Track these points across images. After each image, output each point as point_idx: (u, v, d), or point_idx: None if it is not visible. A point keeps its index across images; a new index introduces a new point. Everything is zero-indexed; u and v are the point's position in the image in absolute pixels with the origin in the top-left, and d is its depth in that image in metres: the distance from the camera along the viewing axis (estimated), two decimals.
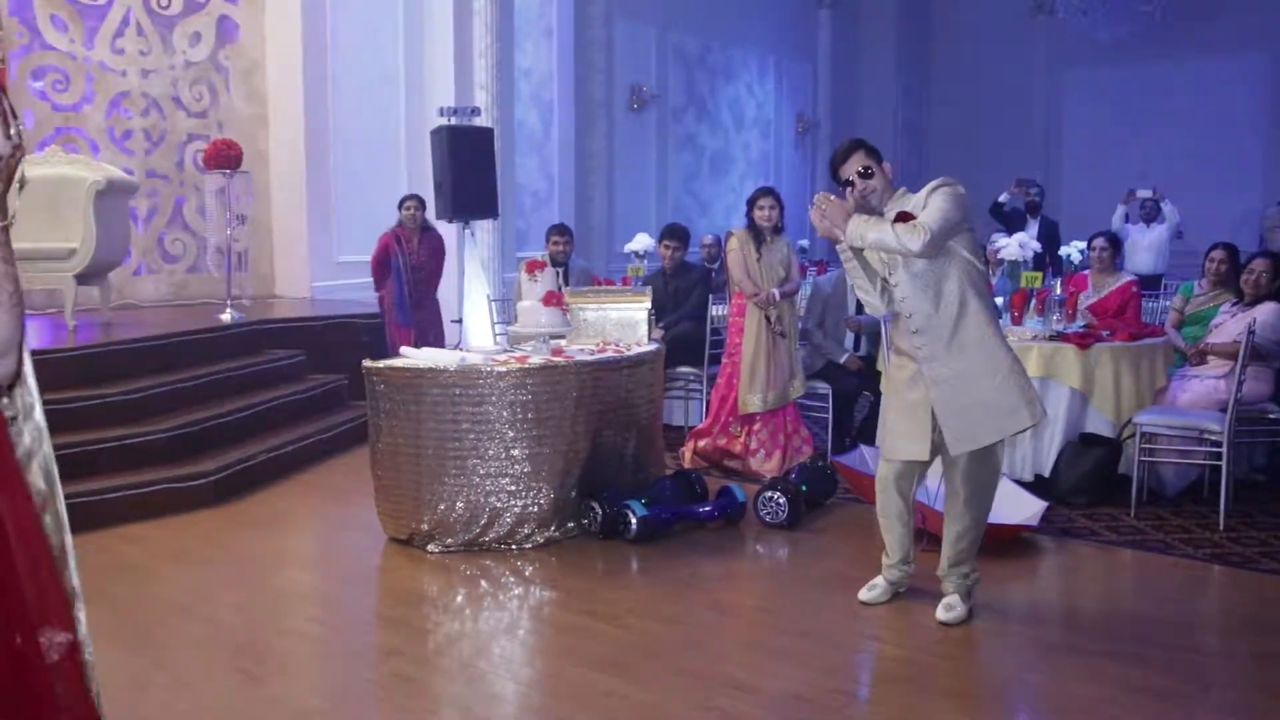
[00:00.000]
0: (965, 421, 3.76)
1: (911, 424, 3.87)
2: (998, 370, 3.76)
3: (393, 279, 7.80)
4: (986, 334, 3.76)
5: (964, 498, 3.89)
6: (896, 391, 3.95)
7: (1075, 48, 15.63)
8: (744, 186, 14.31)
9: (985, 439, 3.80)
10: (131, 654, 3.62)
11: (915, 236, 3.57)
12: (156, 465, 5.54)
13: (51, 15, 8.15)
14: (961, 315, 3.73)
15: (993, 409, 3.74)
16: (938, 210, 3.63)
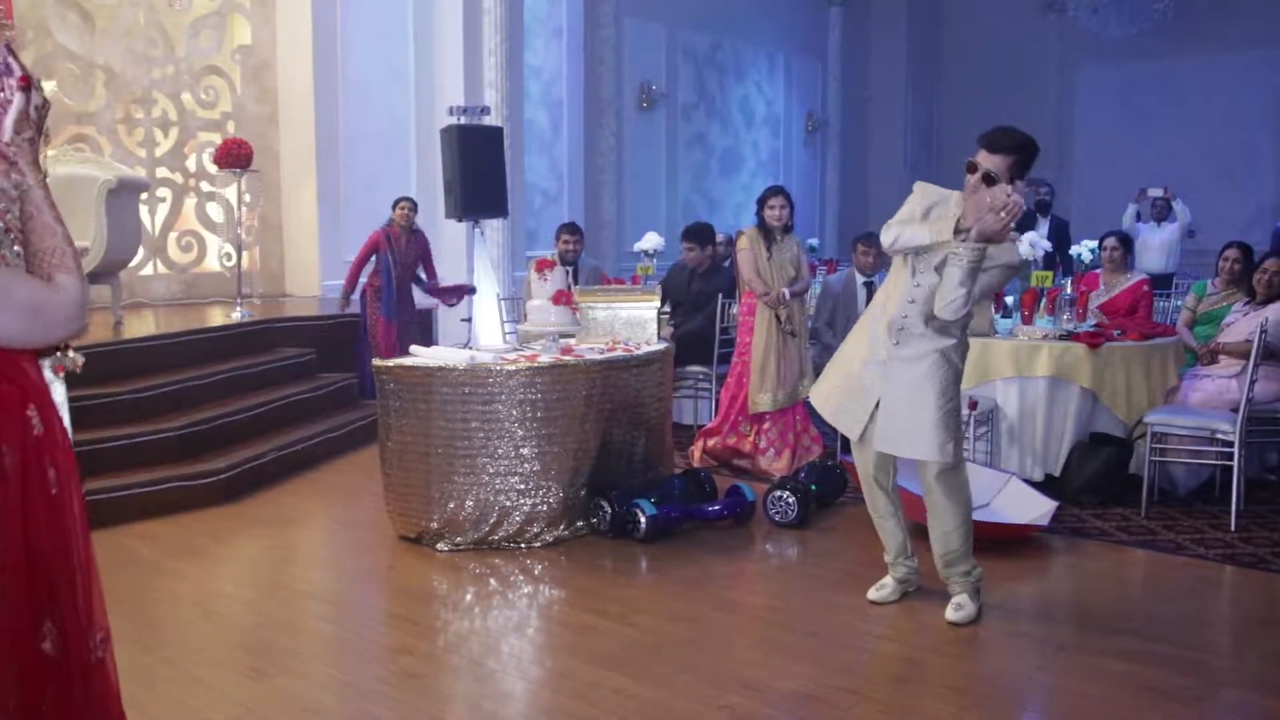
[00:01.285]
0: (899, 426, 3.82)
1: (855, 401, 3.93)
2: (946, 403, 3.80)
3: (382, 276, 7.83)
4: (953, 369, 3.83)
5: (944, 494, 3.89)
6: (854, 358, 3.97)
7: (1086, 46, 15.55)
8: (754, 185, 14.29)
9: (903, 451, 3.86)
10: (143, 650, 3.63)
11: (957, 314, 3.67)
12: (167, 463, 5.56)
13: (63, 15, 8.18)
14: (943, 338, 3.80)
15: (925, 431, 3.78)
16: (989, 289, 3.76)
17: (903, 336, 3.82)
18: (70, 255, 1.59)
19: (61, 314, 1.54)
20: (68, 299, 1.54)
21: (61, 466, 1.60)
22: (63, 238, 1.60)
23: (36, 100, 1.65)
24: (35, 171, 1.64)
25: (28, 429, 1.56)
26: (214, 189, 9.08)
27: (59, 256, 1.57)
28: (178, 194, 9.00)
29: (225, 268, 9.01)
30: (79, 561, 1.61)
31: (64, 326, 1.56)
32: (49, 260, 1.56)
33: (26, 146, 1.63)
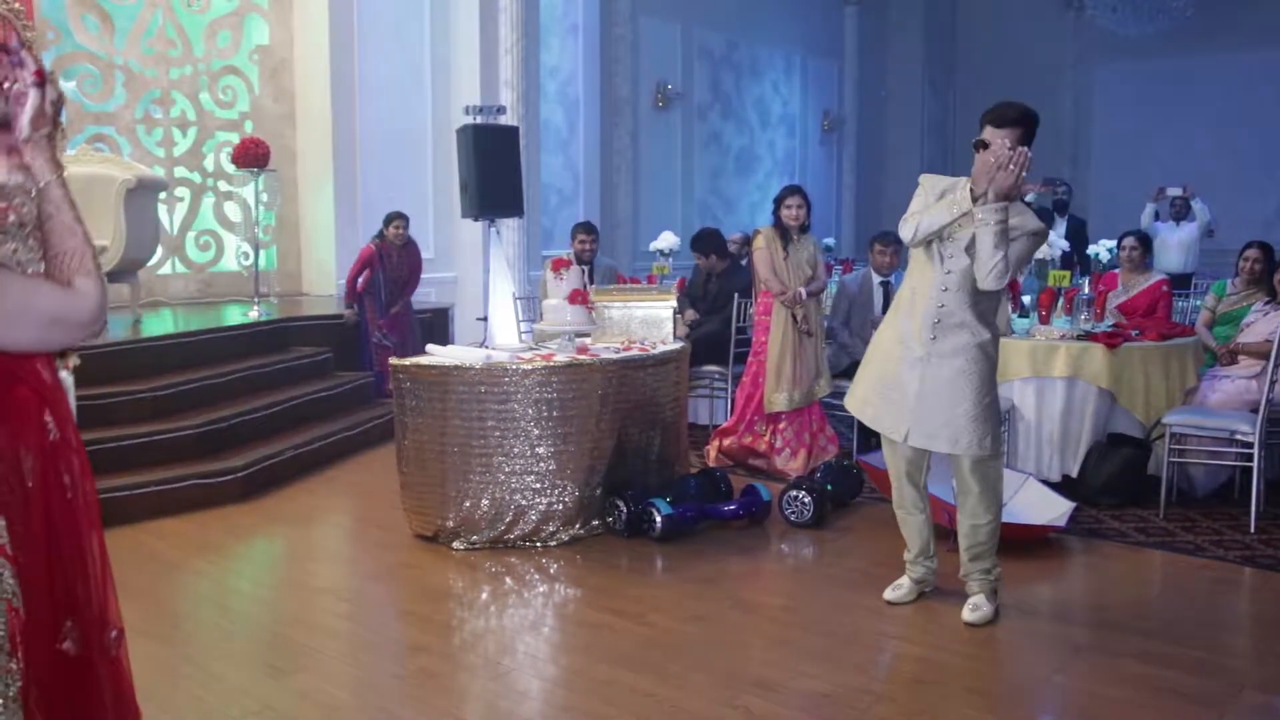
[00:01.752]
0: (938, 421, 3.80)
1: (894, 401, 3.90)
2: (984, 396, 3.79)
3: (374, 288, 7.89)
4: (988, 362, 3.82)
5: (976, 492, 3.88)
6: (889, 359, 3.94)
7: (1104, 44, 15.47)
8: (770, 184, 14.27)
9: (940, 446, 3.84)
10: (161, 647, 3.65)
11: (1001, 280, 3.65)
12: (185, 461, 5.60)
13: (82, 15, 8.23)
14: (980, 330, 3.79)
15: (963, 427, 3.77)
16: (1020, 259, 3.74)
17: (940, 330, 3.79)
18: (90, 257, 1.57)
19: (82, 319, 1.52)
20: (88, 304, 1.53)
21: (74, 469, 1.60)
22: (83, 239, 1.58)
23: (52, 95, 1.63)
24: (54, 168, 1.62)
25: (44, 434, 1.57)
26: (232, 188, 9.12)
27: (79, 259, 1.55)
28: (196, 193, 9.05)
29: (243, 267, 9.05)
30: (93, 561, 1.61)
31: (84, 330, 1.54)
32: (68, 263, 1.54)
33: (45, 143, 1.62)
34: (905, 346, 3.88)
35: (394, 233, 7.97)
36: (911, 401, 3.85)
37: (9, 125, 1.68)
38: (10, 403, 1.55)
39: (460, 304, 9.56)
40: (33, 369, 1.57)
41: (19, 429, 1.55)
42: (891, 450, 4.05)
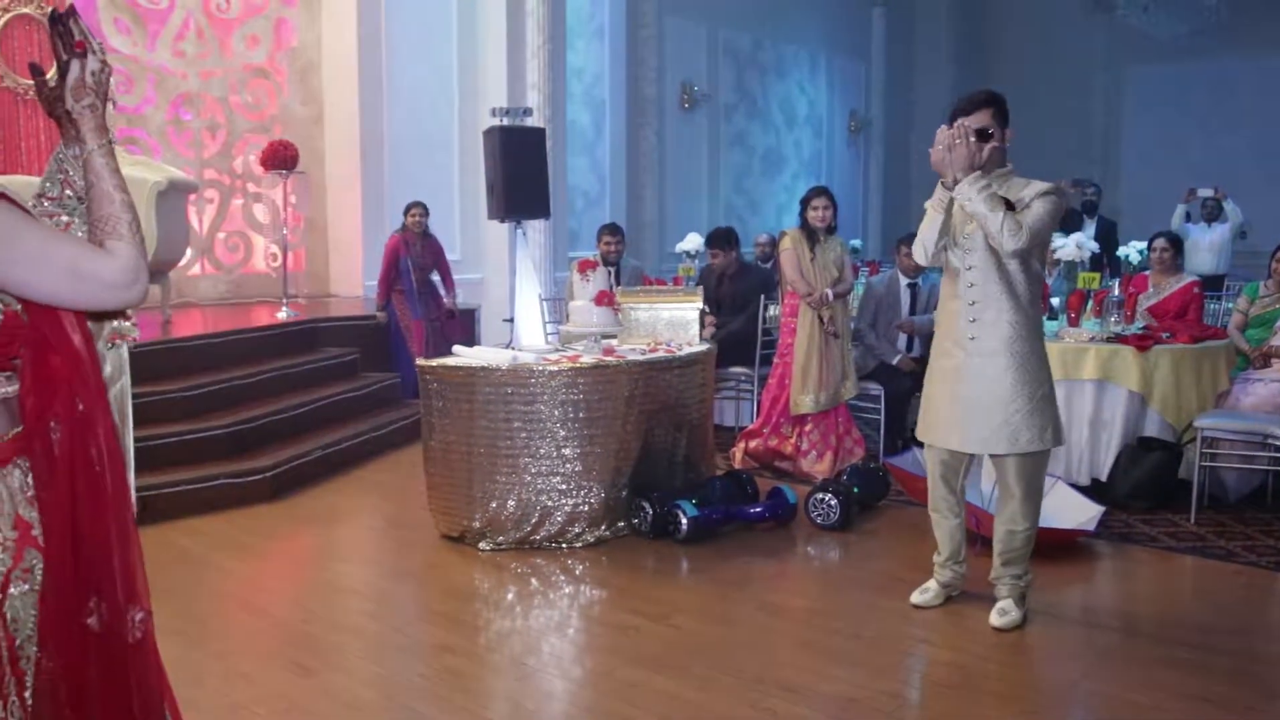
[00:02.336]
0: (988, 423, 3.75)
1: (953, 413, 3.85)
2: (1039, 388, 3.75)
3: (403, 279, 7.94)
4: (1037, 350, 3.77)
5: (1019, 498, 3.84)
6: (941, 379, 3.92)
7: (1135, 44, 15.35)
8: (796, 185, 14.24)
9: (1000, 448, 3.79)
10: (190, 644, 3.68)
11: (1017, 237, 3.55)
12: (215, 460, 5.64)
13: (115, 19, 8.32)
14: (1021, 321, 3.72)
15: (1020, 424, 3.72)
16: (1041, 219, 3.63)
17: (978, 329, 3.74)
18: (125, 223, 1.58)
19: (107, 277, 1.52)
20: (115, 264, 1.53)
21: (101, 445, 1.61)
22: (121, 205, 1.59)
23: (93, 65, 1.65)
24: (97, 137, 1.63)
25: (73, 405, 1.58)
26: (260, 190, 9.19)
27: (113, 224, 1.56)
28: (225, 195, 9.13)
29: (271, 268, 9.12)
30: (117, 540, 1.62)
31: (113, 291, 1.53)
32: (103, 228, 1.56)
33: (87, 113, 1.63)
34: (948, 356, 3.86)
35: (412, 220, 8.03)
36: (960, 407, 3.81)
37: None
38: (41, 372, 1.56)
39: (486, 305, 9.59)
40: (65, 337, 1.58)
41: (49, 399, 1.57)
42: (930, 453, 4.02)
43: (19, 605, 1.55)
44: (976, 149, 3.63)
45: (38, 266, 1.48)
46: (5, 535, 1.54)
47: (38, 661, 1.57)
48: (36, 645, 1.57)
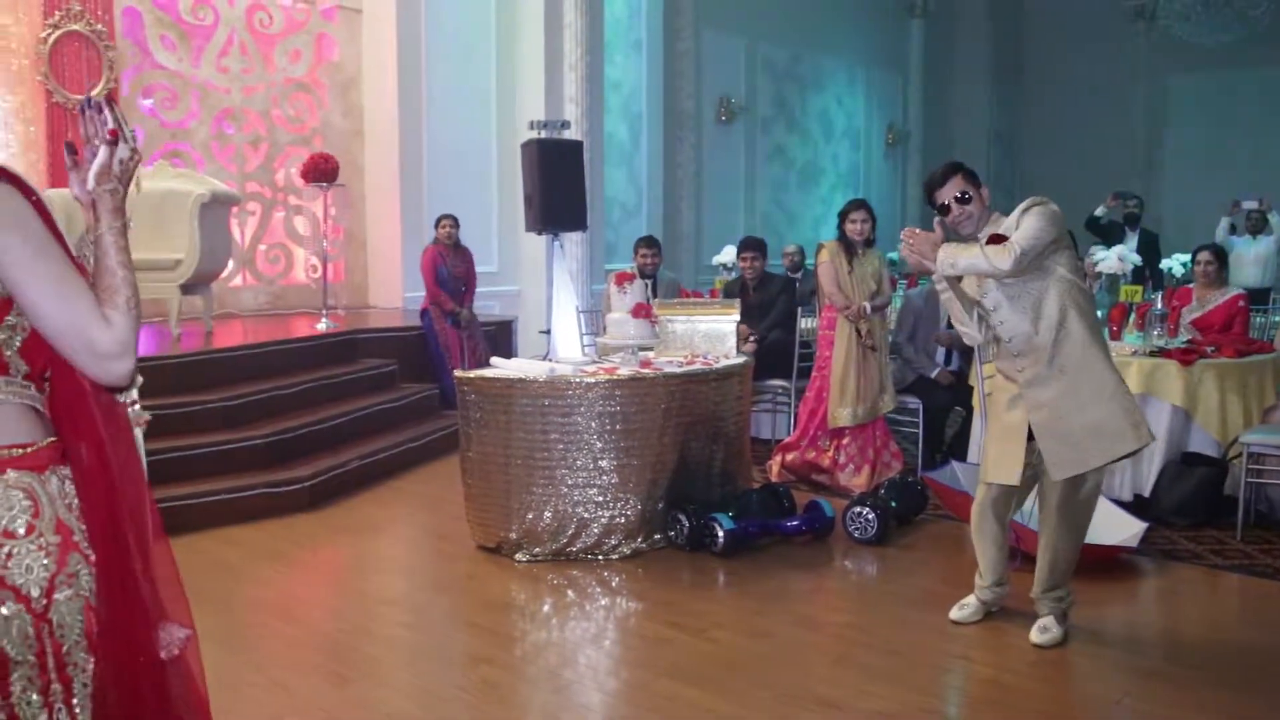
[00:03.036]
0: (1067, 446, 3.67)
1: (1008, 447, 3.80)
2: (1103, 392, 3.66)
3: (439, 288, 8.01)
4: (1091, 355, 3.66)
5: (1058, 524, 3.79)
6: (996, 414, 3.89)
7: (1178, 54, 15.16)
8: (833, 198, 14.20)
9: (1087, 464, 3.70)
10: (229, 654, 3.71)
11: (1005, 256, 3.51)
12: (254, 470, 5.69)
13: (161, 35, 8.46)
14: (1062, 336, 3.65)
15: (1096, 433, 3.64)
16: (1028, 229, 3.57)
17: (1022, 361, 3.70)
18: (124, 296, 1.60)
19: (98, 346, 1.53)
20: (110, 335, 1.54)
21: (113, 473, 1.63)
22: (122, 280, 1.61)
23: (123, 154, 1.69)
24: (111, 218, 1.67)
25: (95, 426, 1.61)
26: (301, 202, 9.30)
27: (109, 294, 1.59)
28: (266, 207, 9.24)
29: (311, 279, 9.21)
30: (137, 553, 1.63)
31: (99, 361, 1.54)
32: (102, 298, 1.58)
33: (106, 197, 1.67)
34: (1007, 391, 3.82)
35: (444, 232, 8.11)
36: (1023, 440, 3.75)
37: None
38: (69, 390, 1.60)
39: (523, 317, 9.63)
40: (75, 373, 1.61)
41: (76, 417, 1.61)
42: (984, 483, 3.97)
43: (65, 611, 1.56)
44: (941, 225, 3.74)
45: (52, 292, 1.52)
46: (48, 540, 1.55)
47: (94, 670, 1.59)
48: (85, 652, 1.59)
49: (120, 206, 1.68)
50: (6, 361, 1.56)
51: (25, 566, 1.53)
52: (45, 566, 1.54)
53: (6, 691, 1.52)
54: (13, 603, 1.52)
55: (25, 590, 1.53)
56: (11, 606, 1.52)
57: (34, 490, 1.56)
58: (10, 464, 1.56)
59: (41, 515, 1.55)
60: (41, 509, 1.56)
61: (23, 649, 1.52)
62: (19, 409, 1.59)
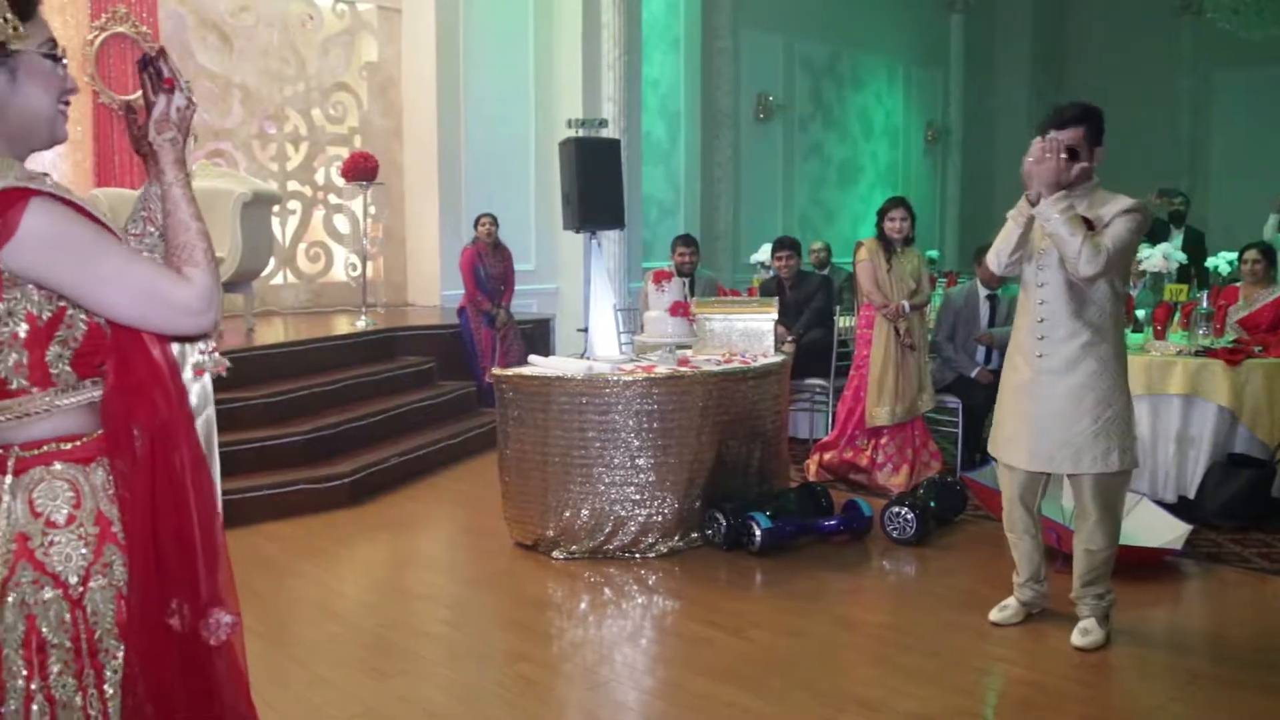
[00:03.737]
0: (1050, 444, 3.68)
1: (1019, 429, 3.78)
2: (1107, 409, 3.64)
3: (477, 288, 8.04)
4: (1110, 369, 3.65)
5: (1098, 516, 3.75)
6: (1010, 394, 3.86)
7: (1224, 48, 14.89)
8: (872, 196, 14.11)
9: (1061, 468, 3.72)
10: (270, 647, 3.75)
11: (1094, 262, 3.43)
12: (295, 466, 5.75)
13: (204, 37, 8.56)
14: (1093, 341, 3.63)
15: (1083, 445, 3.64)
16: (1121, 240, 3.52)
17: (1046, 346, 3.68)
18: (200, 250, 1.62)
19: (181, 302, 1.56)
20: (189, 290, 1.57)
21: (184, 454, 1.65)
22: (196, 233, 1.64)
23: (179, 101, 1.70)
24: (176, 170, 1.68)
25: (155, 413, 1.63)
26: (341, 201, 9.38)
27: (189, 251, 1.61)
28: (307, 206, 9.32)
29: (350, 277, 9.29)
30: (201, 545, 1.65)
31: (187, 316, 1.58)
32: (179, 255, 1.61)
33: (168, 146, 1.69)
34: (1017, 371, 3.80)
35: (483, 230, 8.13)
36: (1026, 424, 3.75)
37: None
38: (124, 381, 1.62)
39: (561, 315, 9.65)
40: (145, 349, 1.63)
41: (132, 407, 1.62)
42: (1005, 471, 3.95)
43: (99, 599, 1.60)
44: (1065, 166, 3.52)
45: (117, 287, 1.53)
46: (87, 530, 1.60)
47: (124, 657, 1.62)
48: (116, 640, 1.62)
49: (182, 157, 1.70)
50: (54, 378, 1.59)
51: (65, 555, 1.58)
52: (83, 555, 1.59)
53: (45, 673, 1.56)
54: (51, 588, 1.57)
55: (64, 577, 1.57)
56: (50, 592, 1.57)
57: (77, 482, 1.60)
58: (58, 456, 1.60)
59: (83, 506, 1.60)
60: (84, 500, 1.60)
61: (59, 633, 1.57)
62: (76, 409, 1.62)
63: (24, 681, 1.55)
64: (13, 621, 1.55)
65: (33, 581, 1.56)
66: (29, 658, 1.55)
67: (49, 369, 1.57)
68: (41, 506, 1.57)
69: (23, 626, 1.56)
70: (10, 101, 1.58)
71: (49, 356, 1.56)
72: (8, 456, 1.58)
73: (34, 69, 1.60)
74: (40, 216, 1.49)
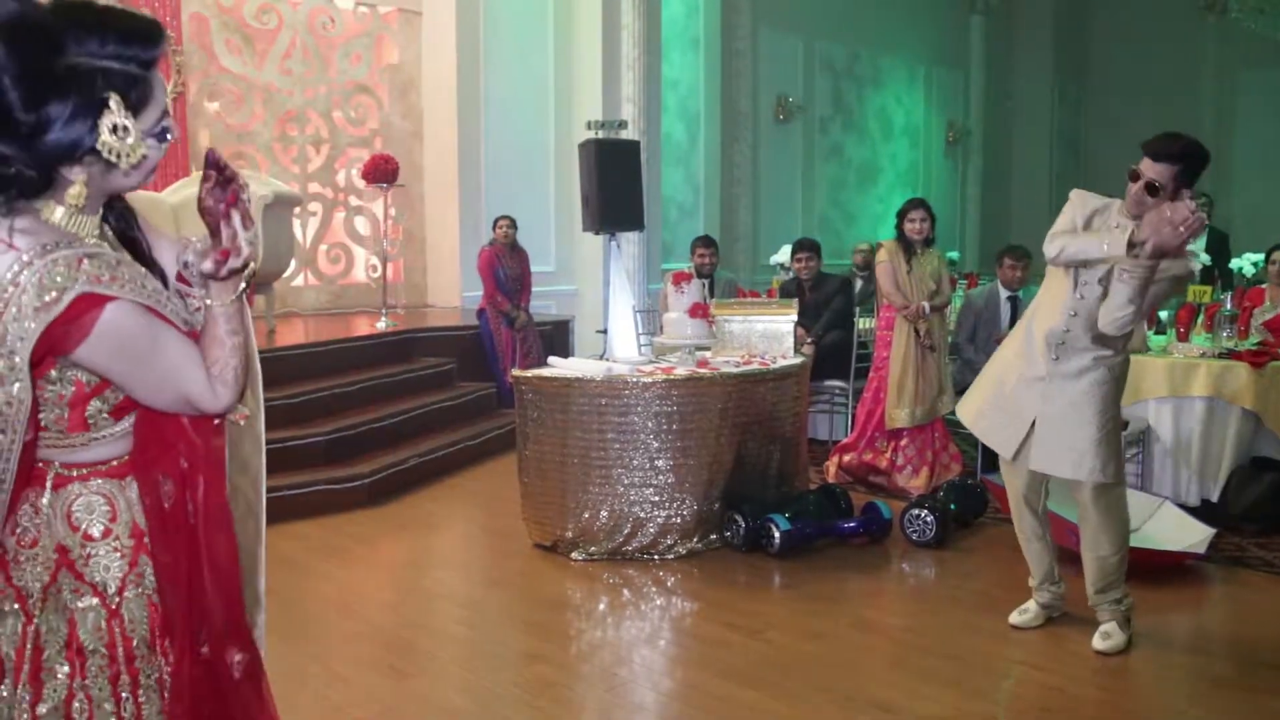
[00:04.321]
0: (1058, 445, 3.68)
1: (1009, 422, 3.79)
2: (1106, 423, 3.64)
3: (496, 289, 8.05)
4: (1115, 388, 3.68)
5: (1099, 520, 3.72)
6: (1008, 374, 3.84)
7: (1249, 48, 14.79)
8: (892, 197, 14.07)
9: (1062, 471, 3.71)
10: (290, 647, 3.77)
11: (1120, 330, 3.50)
12: (315, 466, 5.78)
13: (227, 40, 8.62)
14: (1107, 354, 3.64)
15: (1084, 451, 3.63)
16: (1156, 301, 3.60)
17: (1063, 351, 3.66)
18: (231, 370, 1.63)
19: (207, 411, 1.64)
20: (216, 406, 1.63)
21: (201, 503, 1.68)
22: (230, 350, 1.63)
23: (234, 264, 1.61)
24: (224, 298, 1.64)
25: (178, 464, 1.67)
26: (361, 203, 9.42)
27: (218, 367, 1.62)
28: (328, 208, 9.37)
29: (371, 279, 9.33)
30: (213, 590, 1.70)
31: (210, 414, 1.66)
32: (211, 370, 1.63)
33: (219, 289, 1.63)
34: (1028, 363, 3.77)
35: (501, 232, 8.15)
36: (1025, 423, 3.74)
37: None
38: (151, 429, 1.66)
39: (580, 317, 9.66)
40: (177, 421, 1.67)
41: (157, 455, 1.67)
42: (1009, 472, 3.93)
43: (134, 608, 1.64)
44: (1143, 199, 3.44)
45: (159, 389, 1.58)
46: (123, 543, 1.64)
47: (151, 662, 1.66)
48: (149, 648, 1.66)
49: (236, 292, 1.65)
50: (91, 426, 1.62)
51: (103, 566, 1.63)
52: (120, 566, 1.64)
53: (84, 673, 1.61)
54: (90, 597, 1.62)
55: (102, 587, 1.62)
56: (89, 600, 1.62)
57: (113, 496, 1.65)
58: (96, 474, 1.65)
59: (118, 520, 1.65)
60: (119, 514, 1.65)
61: (96, 640, 1.61)
62: (112, 439, 1.65)
63: (65, 678, 1.60)
64: (55, 624, 1.61)
65: (73, 590, 1.61)
66: (70, 658, 1.60)
67: (87, 421, 1.61)
68: (79, 520, 1.62)
69: (65, 630, 1.61)
70: (101, 183, 1.56)
71: (89, 412, 1.60)
72: (47, 471, 1.62)
73: None
74: (111, 324, 1.50)
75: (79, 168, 1.51)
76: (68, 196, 1.52)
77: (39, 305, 1.44)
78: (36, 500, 1.61)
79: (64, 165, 1.50)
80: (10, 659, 1.60)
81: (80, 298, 1.47)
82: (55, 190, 1.52)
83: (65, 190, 1.52)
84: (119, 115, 1.48)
